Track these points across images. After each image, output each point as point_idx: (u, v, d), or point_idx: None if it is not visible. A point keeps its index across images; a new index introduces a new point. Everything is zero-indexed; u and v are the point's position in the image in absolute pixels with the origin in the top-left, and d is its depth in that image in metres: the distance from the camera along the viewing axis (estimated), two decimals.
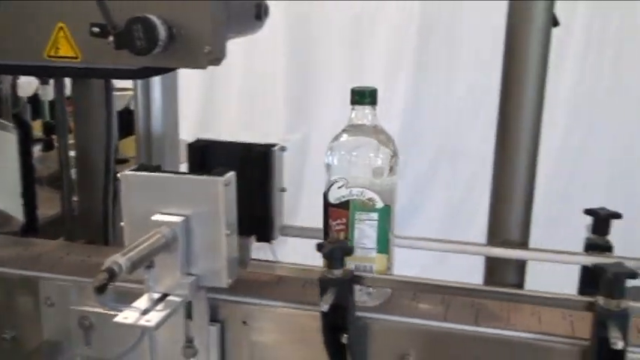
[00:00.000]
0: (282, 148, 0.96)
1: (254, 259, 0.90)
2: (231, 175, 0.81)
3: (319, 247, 0.78)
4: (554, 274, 1.02)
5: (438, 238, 0.92)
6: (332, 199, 0.84)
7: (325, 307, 0.75)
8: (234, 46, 2.75)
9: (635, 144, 2.18)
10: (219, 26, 0.80)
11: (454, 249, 0.93)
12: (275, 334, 0.87)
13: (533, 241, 0.99)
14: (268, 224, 0.94)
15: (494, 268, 0.97)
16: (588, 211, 0.90)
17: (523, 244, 0.95)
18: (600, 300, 0.71)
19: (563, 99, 2.22)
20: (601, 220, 0.89)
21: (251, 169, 0.93)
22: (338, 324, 0.79)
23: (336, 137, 0.86)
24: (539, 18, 0.87)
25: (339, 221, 0.84)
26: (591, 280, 0.78)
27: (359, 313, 0.81)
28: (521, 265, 0.96)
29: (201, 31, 0.78)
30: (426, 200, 2.39)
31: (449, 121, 2.34)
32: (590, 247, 0.90)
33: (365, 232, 0.83)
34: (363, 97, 0.84)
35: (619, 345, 0.66)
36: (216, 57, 0.80)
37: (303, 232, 1.00)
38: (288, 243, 1.02)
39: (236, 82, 2.58)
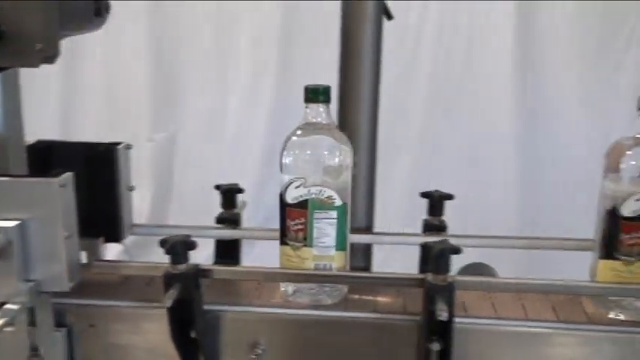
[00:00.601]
0: (128, 146, 0.95)
1: (100, 260, 0.89)
2: (67, 175, 0.79)
3: (162, 243, 0.78)
4: None
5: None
6: (289, 199, 0.83)
7: (169, 303, 0.75)
8: (94, 45, 2.63)
9: (486, 131, 2.32)
10: (51, 23, 0.78)
11: None
12: (125, 334, 0.86)
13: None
14: (116, 224, 0.93)
15: None
16: (424, 194, 0.96)
17: (368, 229, 0.99)
18: (429, 276, 0.76)
19: (421, 92, 2.34)
20: (435, 201, 0.95)
21: (96, 169, 0.92)
22: (185, 319, 0.79)
23: (291, 136, 0.84)
24: (370, 12, 0.91)
25: (297, 221, 0.83)
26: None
27: (207, 307, 0.82)
28: (367, 250, 1.00)
29: (31, 29, 0.75)
30: None
31: None
32: (427, 228, 0.95)
33: (324, 230, 0.83)
34: (317, 94, 0.83)
35: (444, 316, 0.71)
36: (49, 55, 0.78)
37: (154, 231, 0.99)
38: None
39: (98, 82, 2.50)
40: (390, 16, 0.95)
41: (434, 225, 0.95)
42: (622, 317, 0.83)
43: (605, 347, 0.80)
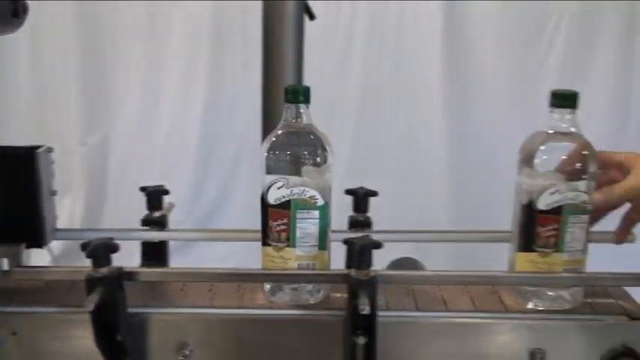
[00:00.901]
0: (49, 150, 0.93)
1: (21, 267, 0.87)
2: None
3: (83, 247, 0.77)
4: None
5: (214, 229, 0.95)
6: (272, 199, 0.81)
7: (91, 307, 0.74)
8: (21, 47, 2.54)
9: (416, 130, 2.38)
10: None
11: (229, 237, 0.96)
12: (49, 341, 0.85)
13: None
14: (38, 229, 0.91)
15: None
16: (348, 191, 0.97)
17: None
18: (352, 271, 0.77)
19: (352, 92, 2.37)
20: (360, 198, 0.97)
21: (15, 173, 0.89)
22: (109, 322, 0.78)
23: (271, 136, 0.83)
24: (291, 12, 0.91)
25: (279, 222, 0.82)
26: None
27: (132, 309, 0.81)
28: None
29: None
30: (230, 195, 2.44)
31: (248, 116, 2.39)
32: (353, 225, 0.97)
33: (307, 230, 0.82)
34: (297, 95, 0.82)
35: (366, 310, 0.73)
36: None
37: (78, 235, 0.97)
38: None
39: (25, 86, 2.43)
40: (312, 16, 0.96)
41: (359, 221, 0.96)
42: (540, 307, 0.87)
43: (524, 333, 0.84)
